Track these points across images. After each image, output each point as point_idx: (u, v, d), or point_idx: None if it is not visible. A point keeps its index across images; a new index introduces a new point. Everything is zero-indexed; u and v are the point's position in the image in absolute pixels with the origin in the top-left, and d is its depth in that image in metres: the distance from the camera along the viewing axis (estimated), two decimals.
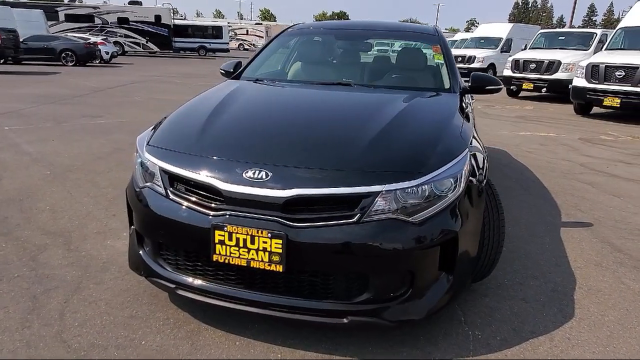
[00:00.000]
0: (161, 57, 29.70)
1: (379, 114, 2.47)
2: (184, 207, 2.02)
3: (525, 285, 2.73)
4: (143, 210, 2.17)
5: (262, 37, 55.59)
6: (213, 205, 1.97)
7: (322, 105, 2.84)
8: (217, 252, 1.93)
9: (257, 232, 1.86)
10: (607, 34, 14.41)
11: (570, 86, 10.67)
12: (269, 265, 1.89)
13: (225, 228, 1.90)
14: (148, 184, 2.19)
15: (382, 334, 2.19)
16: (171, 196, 2.07)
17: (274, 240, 1.85)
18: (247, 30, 54.63)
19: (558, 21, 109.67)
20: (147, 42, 30.52)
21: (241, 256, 1.91)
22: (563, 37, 14.76)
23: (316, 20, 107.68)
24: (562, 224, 3.77)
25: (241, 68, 3.54)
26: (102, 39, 22.72)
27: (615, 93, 9.65)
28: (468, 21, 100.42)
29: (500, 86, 3.27)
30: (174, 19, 33.41)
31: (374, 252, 1.89)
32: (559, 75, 12.97)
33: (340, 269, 1.94)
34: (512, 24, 21.58)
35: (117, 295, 2.47)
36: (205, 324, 2.24)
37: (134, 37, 30.10)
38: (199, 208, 1.99)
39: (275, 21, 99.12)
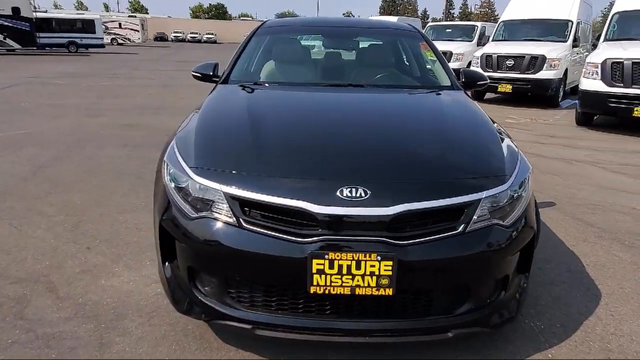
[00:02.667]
0: (25, 55, 26.00)
1: (426, 117, 2.44)
2: (266, 236, 1.77)
3: (545, 270, 2.90)
4: (203, 245, 1.85)
5: (138, 31, 51.94)
6: (305, 231, 1.75)
7: (361, 110, 2.70)
8: (315, 283, 1.73)
9: (365, 257, 1.70)
10: (485, 27, 16.06)
11: None
12: (376, 290, 1.74)
13: (327, 256, 1.70)
14: (204, 213, 1.88)
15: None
16: (245, 225, 1.79)
17: (383, 263, 1.71)
18: (120, 24, 50.44)
19: (422, 13, 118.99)
20: (5, 39, 26.50)
21: (344, 284, 1.73)
22: (450, 30, 16.05)
23: (193, 12, 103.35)
24: None
25: (227, 71, 3.21)
26: None
27: (507, 80, 10.75)
28: (344, 13, 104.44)
29: (487, 81, 3.42)
30: (35, 11, 29.52)
31: (479, 261, 1.84)
32: (452, 65, 14.05)
33: (448, 283, 1.87)
34: (397, 17, 22.89)
35: (156, 345, 2.10)
36: None
37: None
38: (286, 236, 1.76)
39: (148, 13, 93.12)
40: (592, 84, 7.82)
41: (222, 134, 2.26)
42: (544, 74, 10.42)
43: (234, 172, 1.90)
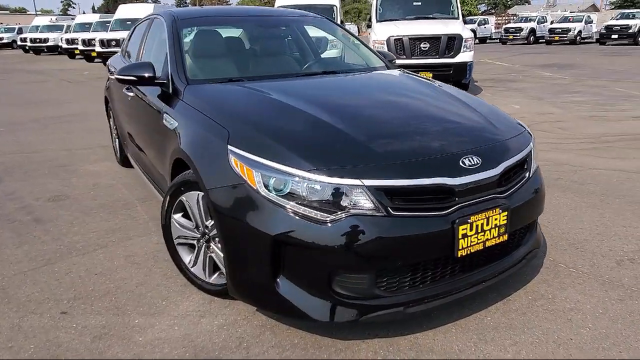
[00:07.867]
0: None
1: (432, 91, 2.80)
2: (415, 218, 1.87)
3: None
4: (352, 245, 1.82)
5: None
6: (445, 204, 1.93)
7: (376, 91, 2.85)
8: (461, 246, 1.94)
9: (492, 212, 2.00)
10: None
11: None
12: (498, 239, 2.06)
13: (469, 219, 1.93)
14: (340, 213, 1.82)
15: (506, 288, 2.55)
16: (394, 213, 1.84)
17: (502, 215, 2.03)
18: None
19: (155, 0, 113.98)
20: None
21: (479, 241, 1.99)
22: None
23: None
24: None
25: (176, 71, 2.77)
26: None
27: None
28: (63, 2, 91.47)
29: (396, 60, 3.92)
30: None
31: (540, 196, 2.34)
32: None
33: (528, 219, 2.30)
34: (154, 4, 21.79)
35: None
36: (422, 333, 2.12)
37: None
38: (431, 212, 1.90)
39: None
40: None
41: (301, 131, 2.15)
42: (329, 54, 11.75)
43: (365, 164, 1.90)
